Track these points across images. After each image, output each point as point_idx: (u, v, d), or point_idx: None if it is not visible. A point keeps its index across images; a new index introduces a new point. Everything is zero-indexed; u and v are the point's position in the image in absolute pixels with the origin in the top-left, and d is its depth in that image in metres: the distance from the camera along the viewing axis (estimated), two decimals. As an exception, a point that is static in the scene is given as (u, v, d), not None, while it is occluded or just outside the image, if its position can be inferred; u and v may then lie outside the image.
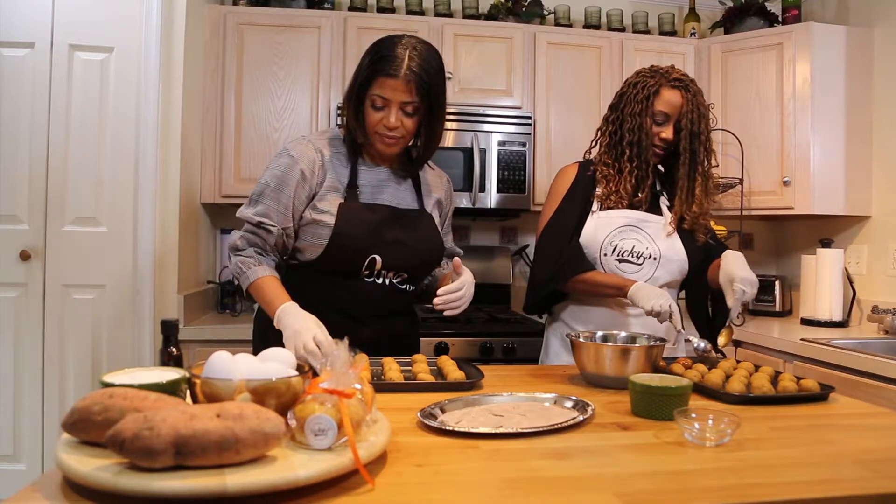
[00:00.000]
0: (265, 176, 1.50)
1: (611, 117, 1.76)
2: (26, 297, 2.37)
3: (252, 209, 1.48)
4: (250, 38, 2.70)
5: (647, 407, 1.11)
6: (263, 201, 1.48)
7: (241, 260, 1.47)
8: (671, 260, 1.70)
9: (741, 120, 2.88)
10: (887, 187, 2.77)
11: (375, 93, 1.43)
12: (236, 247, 1.50)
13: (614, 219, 1.71)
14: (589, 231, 1.70)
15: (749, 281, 1.51)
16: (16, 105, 2.34)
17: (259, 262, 1.46)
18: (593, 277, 1.65)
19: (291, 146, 1.52)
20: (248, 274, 1.45)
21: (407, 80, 1.41)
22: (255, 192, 1.50)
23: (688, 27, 3.16)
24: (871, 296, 2.76)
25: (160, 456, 0.69)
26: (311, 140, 1.54)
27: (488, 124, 2.76)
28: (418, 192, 1.61)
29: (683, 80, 1.68)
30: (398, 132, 1.46)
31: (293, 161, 1.48)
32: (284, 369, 0.87)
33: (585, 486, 0.80)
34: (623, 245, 1.69)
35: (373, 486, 0.76)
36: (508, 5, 2.99)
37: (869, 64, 2.82)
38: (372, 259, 1.49)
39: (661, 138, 1.68)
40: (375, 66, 1.42)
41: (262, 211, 1.47)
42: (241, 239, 1.49)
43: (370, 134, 1.48)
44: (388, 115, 1.44)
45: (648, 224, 1.72)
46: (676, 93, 1.66)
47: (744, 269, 1.53)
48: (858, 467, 0.88)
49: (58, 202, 2.37)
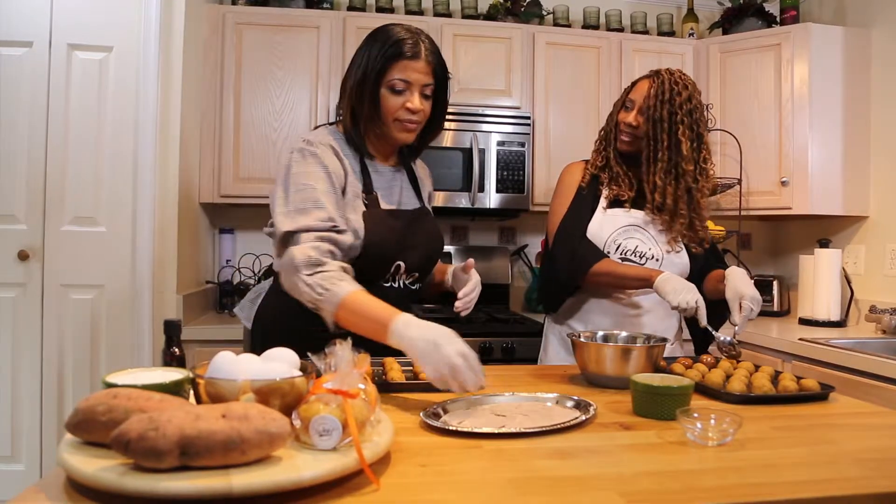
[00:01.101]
0: (301, 180, 1.33)
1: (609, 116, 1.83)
2: (24, 297, 2.36)
3: (310, 217, 1.29)
4: (249, 37, 2.70)
5: (648, 407, 1.12)
6: (321, 205, 1.31)
7: (324, 276, 1.23)
8: (673, 261, 1.71)
9: (739, 120, 2.89)
10: (885, 187, 2.78)
11: (396, 77, 1.38)
12: (311, 261, 1.24)
13: (619, 218, 1.72)
14: (594, 228, 1.71)
15: (757, 300, 1.53)
16: (14, 105, 2.34)
17: (342, 277, 1.25)
18: (616, 269, 1.64)
19: (314, 147, 1.38)
20: (334, 291, 1.21)
21: (427, 60, 1.39)
22: (302, 199, 1.31)
23: (686, 27, 3.17)
24: (869, 296, 2.77)
25: (166, 456, 0.69)
26: (323, 142, 1.42)
27: (487, 124, 2.76)
28: (416, 188, 1.60)
29: (660, 72, 1.69)
30: (419, 116, 1.42)
31: (323, 161, 1.37)
32: (288, 369, 0.87)
33: (589, 486, 0.80)
34: (626, 244, 1.70)
35: (378, 486, 0.76)
36: (507, 5, 2.99)
37: (866, 65, 2.83)
38: (397, 265, 1.46)
39: (625, 123, 1.70)
40: (392, 50, 1.38)
41: (326, 216, 1.30)
42: (314, 250, 1.25)
43: (388, 122, 1.42)
44: (410, 98, 1.39)
45: (652, 224, 1.73)
46: (647, 81, 1.69)
47: (751, 288, 1.54)
48: (859, 466, 0.89)
49: (56, 202, 2.37)
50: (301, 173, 1.34)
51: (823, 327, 2.61)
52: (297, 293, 1.25)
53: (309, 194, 1.32)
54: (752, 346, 2.52)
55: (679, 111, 1.65)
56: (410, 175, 1.59)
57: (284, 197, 1.33)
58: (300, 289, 1.24)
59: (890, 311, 2.49)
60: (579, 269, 1.65)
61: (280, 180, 1.36)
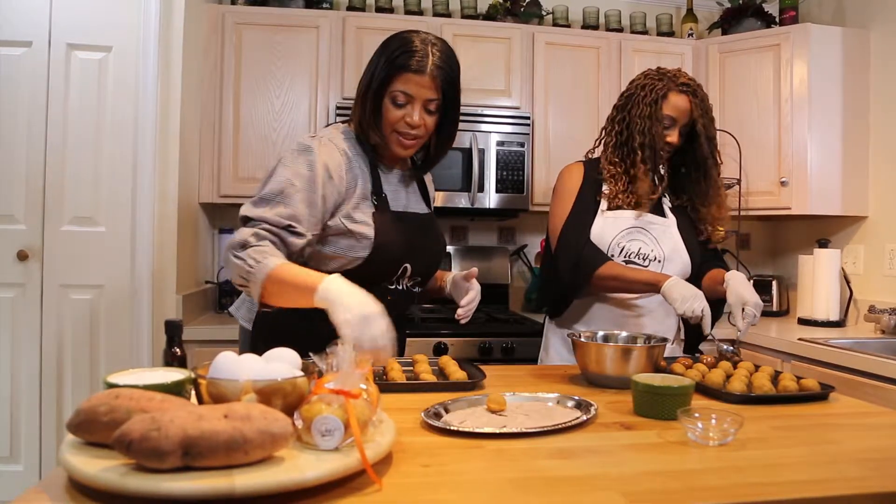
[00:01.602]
0: (283, 173, 1.33)
1: (617, 118, 1.76)
2: (24, 297, 2.36)
3: (272, 209, 1.29)
4: (248, 37, 2.69)
5: (649, 407, 1.12)
6: (289, 202, 1.30)
7: (256, 250, 1.23)
8: (674, 262, 1.71)
9: (739, 120, 2.89)
10: (884, 188, 2.79)
11: (398, 89, 1.36)
12: (246, 242, 1.25)
13: (621, 220, 1.71)
14: (597, 231, 1.70)
15: (759, 306, 1.55)
16: (13, 104, 2.33)
17: (274, 253, 1.25)
18: (622, 273, 1.64)
19: (313, 144, 1.37)
20: (266, 263, 1.21)
21: (432, 76, 1.36)
22: (273, 191, 1.31)
23: (685, 28, 3.17)
24: (868, 296, 2.77)
25: (168, 457, 0.69)
26: (331, 139, 1.40)
27: (487, 124, 2.76)
28: (424, 193, 1.60)
29: (691, 85, 1.68)
30: (419, 131, 1.40)
31: (318, 160, 1.35)
32: (290, 370, 0.87)
33: (591, 486, 0.80)
34: (630, 247, 1.69)
35: (380, 486, 0.76)
36: (507, 5, 2.99)
37: (865, 65, 2.83)
38: (404, 268, 1.46)
39: (667, 142, 1.68)
40: (398, 62, 1.35)
41: (288, 213, 1.30)
42: (253, 236, 1.26)
43: (387, 134, 1.41)
44: (410, 113, 1.37)
45: (654, 226, 1.73)
46: (684, 98, 1.67)
47: (754, 294, 1.55)
48: (860, 466, 0.89)
49: (55, 202, 2.36)
50: (285, 168, 1.34)
51: (822, 327, 2.62)
52: (230, 272, 1.27)
53: (281, 188, 1.31)
54: (752, 346, 2.52)
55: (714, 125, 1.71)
56: (420, 180, 1.59)
57: (261, 186, 1.34)
58: (232, 264, 1.24)
59: (889, 311, 2.49)
60: (584, 273, 1.65)
61: (268, 174, 1.37)
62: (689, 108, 1.67)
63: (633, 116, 1.69)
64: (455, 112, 1.46)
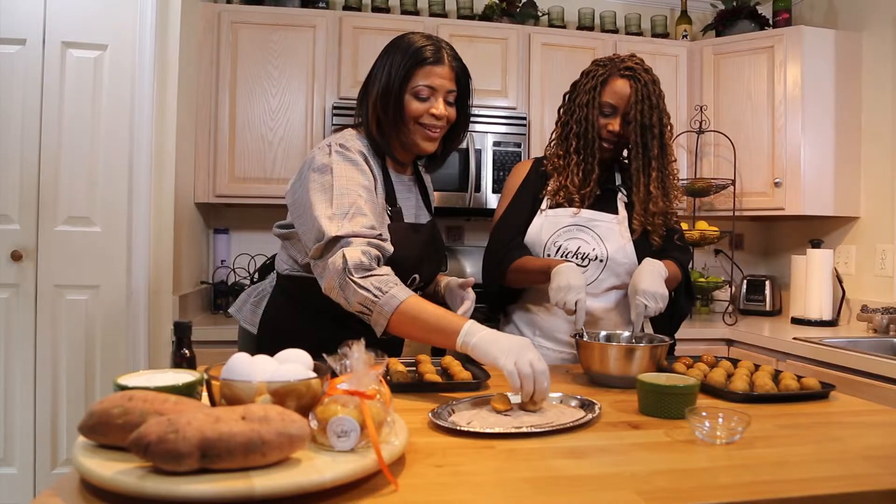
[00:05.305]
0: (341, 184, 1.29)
1: (563, 108, 1.70)
2: (17, 297, 2.33)
3: (354, 222, 1.25)
4: (245, 36, 2.68)
5: (655, 406, 1.12)
6: (364, 211, 1.27)
7: (380, 279, 1.20)
8: (619, 262, 1.61)
9: (733, 122, 2.92)
10: (875, 188, 2.82)
11: (421, 83, 1.37)
12: (363, 265, 1.20)
13: (561, 218, 1.64)
14: (534, 230, 1.64)
15: (651, 294, 1.45)
16: (7, 103, 2.31)
17: (397, 282, 1.23)
18: (524, 265, 1.58)
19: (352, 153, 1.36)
20: (393, 294, 1.19)
21: (451, 66, 1.39)
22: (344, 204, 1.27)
23: (680, 29, 3.20)
24: (860, 295, 2.81)
25: (186, 459, 0.68)
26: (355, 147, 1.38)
27: (483, 125, 2.77)
28: (426, 199, 1.60)
29: (634, 70, 1.58)
30: (443, 122, 1.41)
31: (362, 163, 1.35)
32: (304, 371, 0.87)
33: (606, 485, 0.81)
34: (568, 245, 1.62)
35: (396, 487, 0.76)
36: (503, 6, 3.00)
37: (857, 67, 2.87)
38: (413, 278, 1.46)
39: (608, 131, 1.60)
40: (416, 57, 1.37)
41: (369, 223, 1.27)
42: (364, 255, 1.21)
43: (412, 129, 1.40)
44: (435, 104, 1.38)
45: (598, 224, 1.63)
46: (625, 82, 1.58)
47: (649, 281, 1.46)
48: (868, 463, 0.90)
49: (50, 201, 2.34)
50: (343, 177, 1.31)
51: (815, 326, 2.65)
52: (345, 296, 1.22)
53: (352, 200, 1.28)
54: (746, 346, 2.55)
55: (665, 115, 1.59)
56: (421, 185, 1.59)
57: (327, 200, 1.28)
58: (352, 290, 1.20)
59: (881, 311, 2.52)
60: (499, 271, 1.62)
61: (317, 182, 1.31)
62: (629, 94, 1.56)
63: (575, 105, 1.63)
64: (467, 106, 1.47)
